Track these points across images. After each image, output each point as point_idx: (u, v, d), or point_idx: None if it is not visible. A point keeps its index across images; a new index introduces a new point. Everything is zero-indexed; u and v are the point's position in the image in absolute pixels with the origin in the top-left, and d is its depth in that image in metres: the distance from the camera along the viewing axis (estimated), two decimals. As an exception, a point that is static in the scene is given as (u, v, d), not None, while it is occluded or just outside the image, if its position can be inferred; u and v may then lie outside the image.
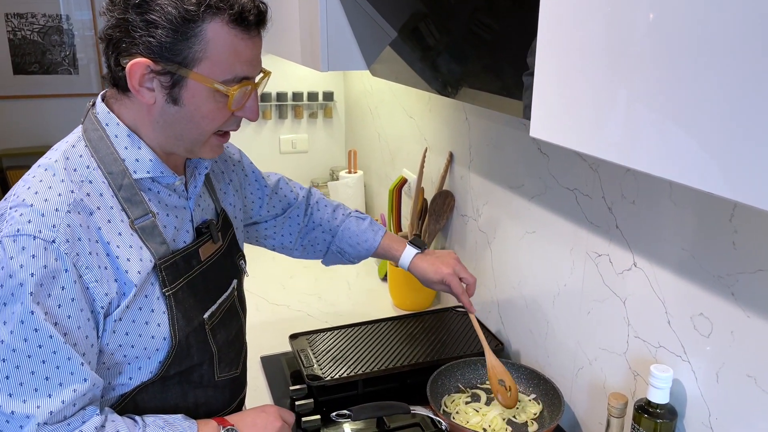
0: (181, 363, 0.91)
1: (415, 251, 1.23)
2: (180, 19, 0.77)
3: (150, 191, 0.88)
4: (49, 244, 0.75)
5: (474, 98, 1.04)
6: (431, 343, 1.41)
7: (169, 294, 0.88)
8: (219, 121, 0.86)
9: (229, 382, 1.02)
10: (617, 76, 0.55)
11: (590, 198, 1.07)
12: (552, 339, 1.23)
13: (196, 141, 0.87)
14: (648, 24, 0.51)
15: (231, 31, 0.80)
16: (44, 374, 0.75)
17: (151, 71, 0.79)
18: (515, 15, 0.83)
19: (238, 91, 0.83)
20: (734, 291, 0.81)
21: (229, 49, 0.80)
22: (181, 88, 0.81)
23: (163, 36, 0.77)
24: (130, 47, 0.78)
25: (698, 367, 0.88)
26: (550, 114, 0.64)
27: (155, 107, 0.83)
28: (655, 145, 0.52)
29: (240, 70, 0.83)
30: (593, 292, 1.08)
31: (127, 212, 0.84)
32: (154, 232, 0.86)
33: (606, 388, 1.08)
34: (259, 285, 1.80)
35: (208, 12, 0.78)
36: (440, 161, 1.65)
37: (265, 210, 1.21)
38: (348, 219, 1.27)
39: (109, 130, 0.85)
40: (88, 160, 0.83)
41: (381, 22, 1.32)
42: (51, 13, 3.99)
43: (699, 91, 0.47)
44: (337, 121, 2.50)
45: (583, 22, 0.59)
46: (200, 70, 0.80)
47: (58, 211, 0.77)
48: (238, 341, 1.06)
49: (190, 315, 0.92)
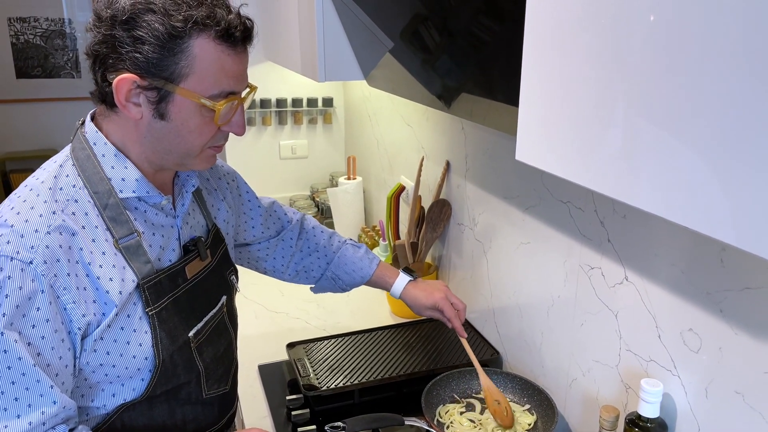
0: (167, 382, 0.91)
1: (408, 278, 1.26)
2: (167, 36, 0.77)
3: (136, 210, 0.88)
4: (27, 265, 0.75)
5: (469, 113, 1.05)
6: (428, 352, 1.42)
7: (152, 314, 0.88)
8: (206, 136, 0.86)
9: (217, 398, 1.02)
10: (604, 105, 0.56)
11: (583, 211, 1.07)
12: (546, 349, 1.24)
13: (185, 154, 0.87)
14: (638, 49, 0.52)
15: (217, 47, 0.80)
16: (13, 395, 0.75)
17: (137, 86, 0.79)
18: (510, 28, 0.84)
19: (225, 106, 0.83)
20: (722, 308, 0.81)
21: (215, 64, 0.81)
22: (168, 103, 0.81)
23: (150, 52, 0.77)
24: (117, 63, 0.79)
25: (688, 381, 0.89)
26: (535, 139, 0.65)
27: (142, 122, 0.83)
28: (639, 177, 0.53)
29: (226, 85, 0.83)
30: (586, 304, 1.09)
31: (111, 231, 0.84)
32: (139, 252, 0.86)
33: (599, 400, 1.09)
34: (258, 292, 1.81)
35: (195, 28, 0.78)
36: (437, 170, 1.65)
37: (258, 231, 1.21)
38: (344, 246, 1.28)
39: (96, 149, 0.86)
40: (74, 180, 0.84)
41: (378, 33, 1.33)
42: (54, 17, 4.01)
43: (690, 123, 0.48)
44: (336, 127, 2.51)
45: (568, 49, 0.60)
46: (187, 85, 0.80)
47: (38, 232, 0.77)
48: (227, 358, 1.05)
49: (175, 334, 0.91)
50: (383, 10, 1.25)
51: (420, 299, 1.24)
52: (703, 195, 0.48)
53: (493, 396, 1.18)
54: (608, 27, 0.54)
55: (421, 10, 1.06)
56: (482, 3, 0.87)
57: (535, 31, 0.64)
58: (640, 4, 0.51)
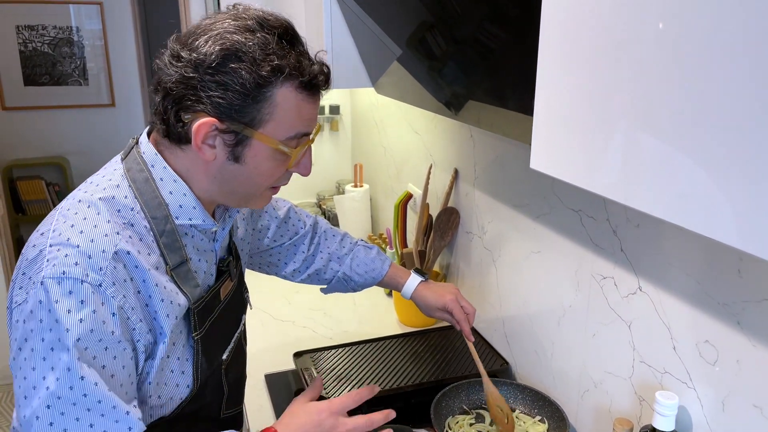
0: (194, 404, 0.91)
1: (419, 279, 1.26)
2: (253, 84, 0.76)
3: (186, 236, 0.87)
4: (97, 288, 0.73)
5: (476, 120, 1.04)
6: (436, 362, 1.40)
7: (197, 338, 0.87)
8: (275, 178, 0.86)
9: (230, 416, 1.03)
10: (619, 113, 0.55)
11: (595, 220, 1.06)
12: (557, 360, 1.22)
13: (249, 195, 0.87)
14: (652, 60, 0.51)
15: (299, 95, 0.80)
16: (89, 421, 0.73)
17: (216, 129, 0.78)
18: (522, 35, 0.83)
19: (300, 151, 0.84)
20: (740, 320, 0.80)
21: (295, 111, 0.81)
22: (245, 147, 0.80)
23: (234, 98, 0.77)
24: (195, 104, 0.77)
25: (704, 394, 0.87)
26: (551, 146, 0.64)
27: (215, 163, 0.82)
28: (657, 185, 0.52)
29: (301, 128, 0.83)
30: (598, 314, 1.08)
31: (165, 258, 0.83)
32: (188, 276, 0.86)
33: (611, 412, 1.07)
34: (265, 300, 1.80)
35: (281, 78, 0.78)
36: (445, 177, 1.64)
37: (272, 239, 1.22)
38: (356, 248, 1.28)
39: (155, 172, 0.83)
40: (132, 202, 0.82)
41: (386, 40, 1.32)
42: (61, 25, 4.03)
43: (704, 130, 0.47)
44: (343, 134, 2.50)
45: (584, 57, 0.58)
46: (265, 130, 0.80)
47: (105, 252, 0.75)
48: (243, 377, 1.06)
49: (212, 357, 0.92)
50: (391, 18, 1.25)
51: (430, 300, 1.24)
52: (721, 202, 0.46)
53: (495, 402, 1.17)
54: (626, 33, 0.53)
55: (428, 17, 1.06)
56: (489, 10, 0.86)
57: (550, 41, 0.63)
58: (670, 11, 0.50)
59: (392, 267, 1.28)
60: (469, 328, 1.22)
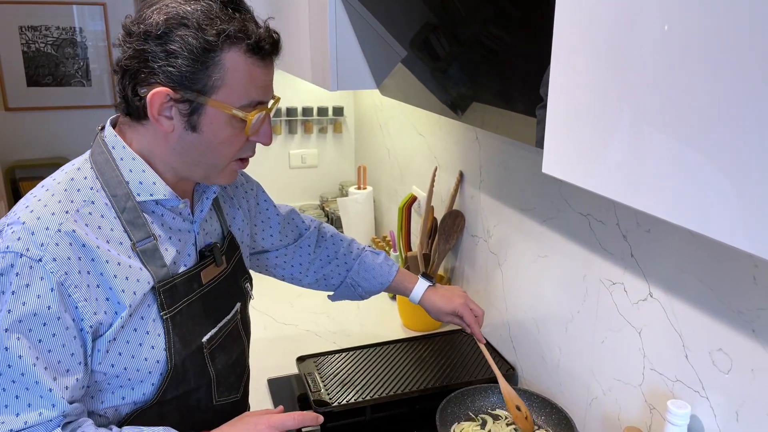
0: (177, 387, 0.91)
1: (427, 284, 1.26)
2: (200, 49, 0.79)
3: (154, 214, 0.89)
4: (36, 263, 0.76)
5: (483, 122, 1.03)
6: (441, 367, 1.38)
7: (166, 317, 0.88)
8: (236, 147, 0.88)
9: (229, 406, 1.02)
10: (635, 116, 0.53)
11: (604, 224, 1.04)
12: (565, 366, 1.20)
13: (213, 167, 0.89)
14: (667, 63, 0.49)
15: (248, 59, 0.82)
16: (14, 393, 0.76)
17: (170, 99, 0.81)
18: (527, 37, 0.81)
19: (255, 116, 0.85)
20: (755, 328, 0.78)
21: (246, 76, 0.83)
22: (200, 116, 0.83)
23: (183, 65, 0.79)
24: (149, 77, 0.80)
25: (717, 404, 0.85)
26: (564, 151, 0.62)
27: (173, 135, 0.84)
28: (674, 190, 0.50)
29: (255, 95, 0.85)
30: (607, 320, 1.06)
31: (129, 234, 0.85)
32: (155, 255, 0.87)
33: (621, 421, 1.05)
34: (267, 303, 1.78)
35: (227, 42, 0.80)
36: (450, 180, 1.62)
37: (276, 239, 1.22)
38: (364, 253, 1.28)
39: (114, 152, 0.87)
40: (92, 182, 0.85)
41: (391, 41, 1.30)
42: (64, 25, 4.02)
43: (721, 135, 0.45)
44: (347, 136, 2.49)
45: (598, 61, 0.57)
46: (218, 97, 0.82)
47: (48, 229, 0.78)
48: (240, 365, 1.06)
49: (188, 339, 0.92)
50: (396, 19, 1.23)
51: (439, 305, 1.24)
52: (738, 207, 0.45)
53: (513, 401, 1.16)
54: (641, 35, 0.51)
55: (433, 18, 1.04)
56: (494, 12, 0.85)
57: (564, 44, 0.61)
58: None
59: (399, 272, 1.28)
60: (479, 330, 1.22)
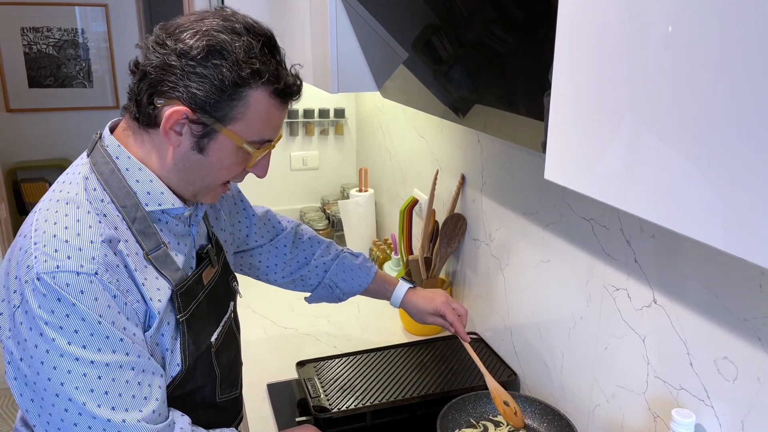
0: (185, 386, 0.92)
1: (407, 286, 1.28)
2: (231, 82, 0.79)
3: (160, 222, 0.89)
4: (93, 277, 0.75)
5: (485, 125, 1.01)
6: (442, 372, 1.37)
7: (182, 320, 0.89)
8: (232, 174, 0.89)
9: (230, 402, 1.04)
10: (640, 123, 0.52)
11: (607, 229, 1.03)
12: (567, 373, 1.19)
13: (205, 188, 0.90)
14: (674, 66, 0.48)
15: (271, 101, 0.84)
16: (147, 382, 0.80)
17: (186, 118, 0.81)
18: (531, 39, 0.80)
19: (261, 153, 0.87)
20: (761, 335, 0.76)
21: (264, 115, 0.84)
22: (210, 140, 0.83)
23: (211, 92, 0.79)
24: (171, 90, 0.80)
25: (722, 413, 0.84)
26: (567, 157, 0.61)
27: (178, 150, 0.84)
28: (675, 198, 0.49)
29: (267, 134, 0.87)
30: (610, 327, 1.04)
31: (141, 244, 0.85)
32: (168, 261, 0.88)
33: (624, 429, 1.03)
34: (267, 307, 1.77)
35: (259, 82, 0.81)
36: (452, 183, 1.61)
37: (253, 239, 1.23)
38: (342, 254, 1.29)
39: (119, 163, 0.85)
40: (101, 194, 0.84)
41: (392, 43, 1.29)
42: (66, 27, 4.02)
43: (728, 140, 0.44)
44: (348, 138, 2.48)
45: (602, 64, 0.55)
46: (234, 128, 0.83)
47: (93, 243, 0.77)
48: (237, 362, 1.09)
49: (199, 339, 0.93)
50: (398, 20, 1.22)
51: (421, 305, 1.25)
52: (745, 218, 0.43)
53: (501, 397, 1.16)
54: (648, 41, 0.50)
55: (435, 20, 1.03)
56: (496, 13, 0.84)
57: (567, 48, 0.60)
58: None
59: (378, 274, 1.28)
60: (462, 329, 1.23)
